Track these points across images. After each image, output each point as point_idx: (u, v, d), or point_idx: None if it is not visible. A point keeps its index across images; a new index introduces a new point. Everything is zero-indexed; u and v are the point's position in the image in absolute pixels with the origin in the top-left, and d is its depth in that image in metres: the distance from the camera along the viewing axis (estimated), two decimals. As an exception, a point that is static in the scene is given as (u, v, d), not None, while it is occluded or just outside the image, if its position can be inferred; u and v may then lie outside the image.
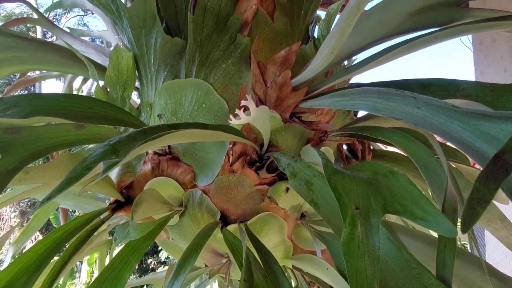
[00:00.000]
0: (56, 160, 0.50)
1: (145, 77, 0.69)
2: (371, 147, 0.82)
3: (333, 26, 0.72)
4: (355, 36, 0.51)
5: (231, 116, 0.38)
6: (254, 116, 0.36)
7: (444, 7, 0.46)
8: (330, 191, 0.44)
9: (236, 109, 0.38)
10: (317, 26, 0.73)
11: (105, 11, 0.72)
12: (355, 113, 0.82)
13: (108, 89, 0.74)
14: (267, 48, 0.66)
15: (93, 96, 0.75)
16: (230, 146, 0.60)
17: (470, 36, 1.63)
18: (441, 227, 0.32)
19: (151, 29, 0.64)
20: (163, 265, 7.77)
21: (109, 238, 1.03)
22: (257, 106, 0.61)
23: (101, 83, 0.77)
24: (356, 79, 0.77)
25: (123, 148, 0.41)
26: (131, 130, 0.72)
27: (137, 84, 0.75)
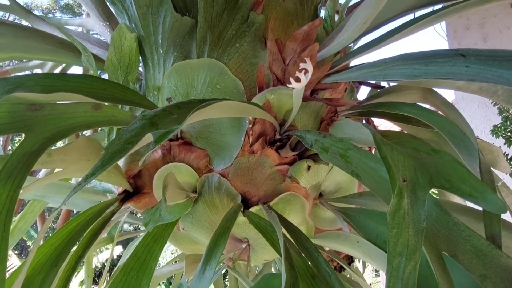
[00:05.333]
0: (75, 143, 0.46)
1: (151, 59, 0.66)
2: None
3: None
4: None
5: (291, 79, 0.36)
6: (308, 79, 0.35)
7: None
8: (368, 162, 0.45)
9: (297, 72, 0.37)
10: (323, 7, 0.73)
11: (102, -10, 0.67)
12: (357, 92, 0.83)
13: (107, 75, 0.69)
14: (279, 27, 0.65)
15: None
16: (250, 126, 0.58)
17: (444, 26, 1.73)
18: (490, 203, 0.33)
19: (159, 8, 0.61)
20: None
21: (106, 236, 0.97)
22: (274, 85, 0.60)
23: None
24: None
25: (161, 121, 0.38)
26: (142, 110, 0.68)
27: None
